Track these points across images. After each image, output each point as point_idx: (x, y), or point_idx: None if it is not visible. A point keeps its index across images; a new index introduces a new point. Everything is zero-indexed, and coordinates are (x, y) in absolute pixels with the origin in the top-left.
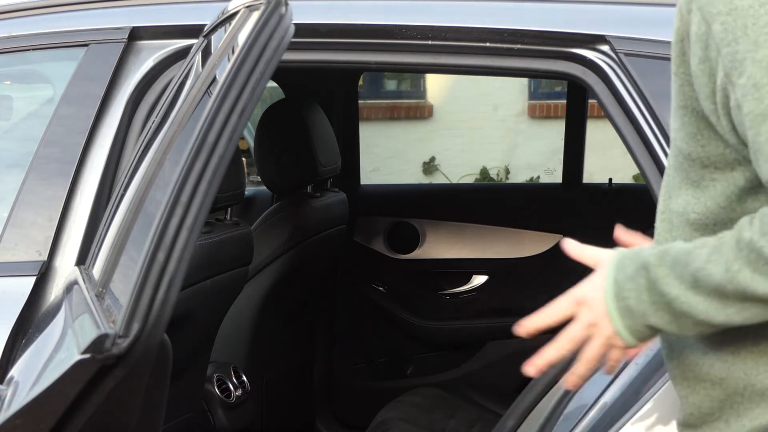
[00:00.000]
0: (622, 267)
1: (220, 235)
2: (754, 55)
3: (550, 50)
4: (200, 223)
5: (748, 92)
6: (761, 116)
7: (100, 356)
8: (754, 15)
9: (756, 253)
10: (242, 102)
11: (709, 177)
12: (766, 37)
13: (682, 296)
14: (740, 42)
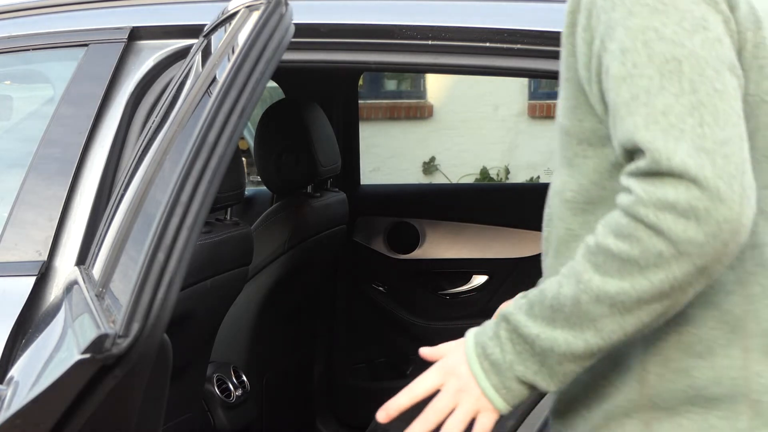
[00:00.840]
0: (482, 330)
1: (220, 235)
2: (626, 22)
3: (550, 50)
4: (200, 222)
5: (616, 57)
6: (622, 78)
7: (100, 356)
8: None
9: (602, 254)
10: (242, 102)
11: (582, 154)
12: (640, 8)
13: (542, 333)
14: (617, 10)
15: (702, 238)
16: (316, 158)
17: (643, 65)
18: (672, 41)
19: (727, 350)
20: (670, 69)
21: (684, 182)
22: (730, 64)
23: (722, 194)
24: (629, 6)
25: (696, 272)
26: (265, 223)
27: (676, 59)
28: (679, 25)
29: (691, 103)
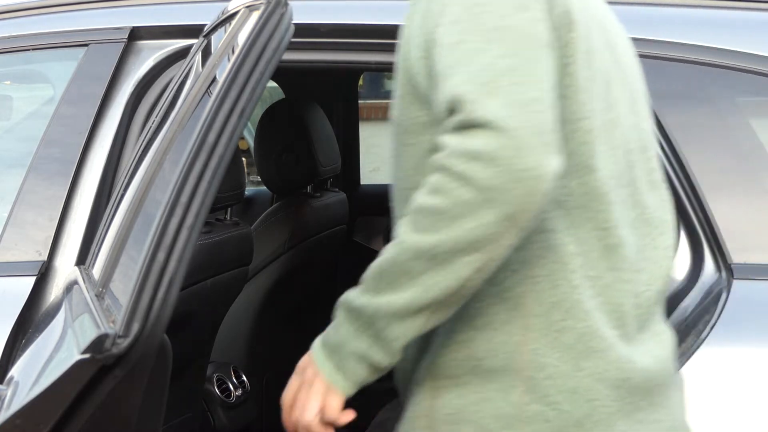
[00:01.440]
0: (326, 331)
1: (220, 235)
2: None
3: None
4: (200, 223)
5: (447, 29)
6: (450, 46)
7: (100, 356)
8: None
9: (418, 212)
10: (242, 102)
11: (405, 142)
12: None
13: (369, 301)
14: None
15: (507, 184)
16: (316, 158)
17: (470, 32)
18: (499, 14)
19: (507, 326)
20: (494, 36)
21: (493, 132)
22: (548, 43)
23: (527, 144)
24: None
25: (505, 220)
26: (265, 223)
27: (501, 28)
28: (502, 4)
29: (510, 64)
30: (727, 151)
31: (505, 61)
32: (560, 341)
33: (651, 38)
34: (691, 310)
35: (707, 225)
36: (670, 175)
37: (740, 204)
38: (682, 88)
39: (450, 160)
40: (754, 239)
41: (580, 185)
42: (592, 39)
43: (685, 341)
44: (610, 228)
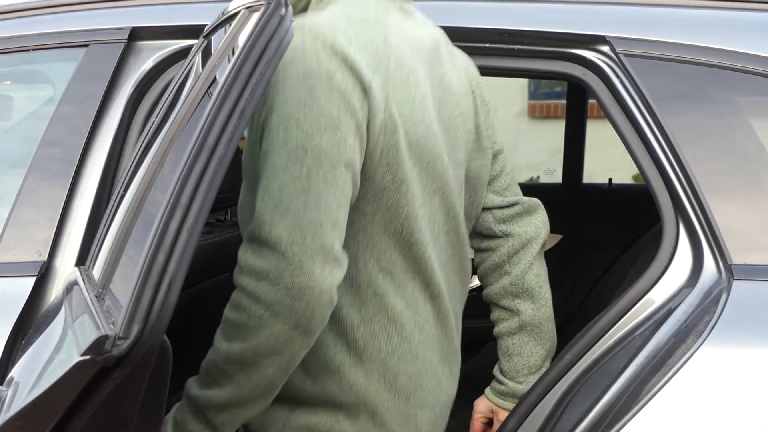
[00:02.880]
0: (175, 407)
1: (220, 235)
2: (280, 107)
3: (550, 51)
4: (200, 224)
5: (267, 133)
6: (264, 153)
7: (100, 357)
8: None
9: (226, 323)
10: (242, 103)
11: (248, 184)
12: (292, 99)
13: (200, 394)
14: (278, 94)
15: (289, 301)
16: None
17: (279, 145)
18: (307, 132)
19: (353, 370)
20: (296, 155)
21: (277, 254)
22: (348, 161)
23: (304, 267)
24: (286, 94)
25: (293, 329)
26: None
27: (304, 147)
28: (316, 120)
29: (303, 186)
30: (727, 151)
31: (300, 183)
32: (396, 383)
33: (651, 39)
34: (692, 310)
35: (707, 225)
36: (671, 175)
37: (741, 205)
38: (683, 88)
39: (242, 278)
40: (755, 240)
41: (403, 256)
42: (418, 128)
43: (686, 342)
44: (431, 283)
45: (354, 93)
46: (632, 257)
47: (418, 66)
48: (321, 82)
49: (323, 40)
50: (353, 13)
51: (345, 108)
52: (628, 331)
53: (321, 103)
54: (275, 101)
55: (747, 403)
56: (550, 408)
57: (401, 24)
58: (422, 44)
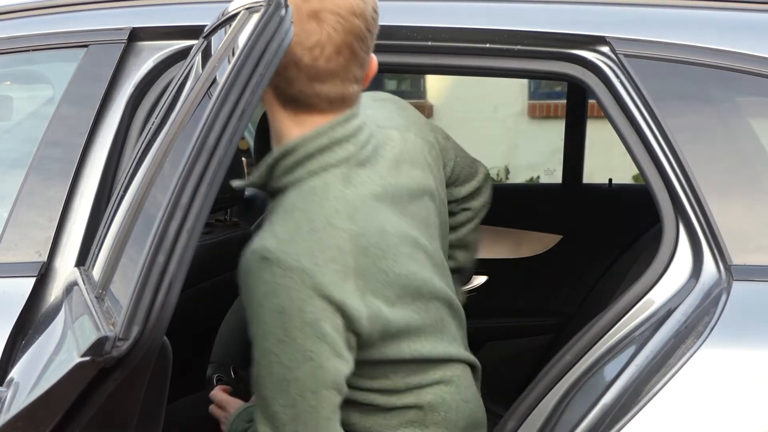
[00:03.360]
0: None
1: (220, 236)
2: (260, 342)
3: (550, 51)
4: (200, 225)
5: (257, 353)
6: (255, 383)
7: (100, 359)
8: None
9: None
10: (242, 104)
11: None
12: (272, 336)
13: None
14: (259, 329)
15: None
16: None
17: (265, 378)
18: (286, 366)
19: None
20: (281, 387)
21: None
22: (329, 383)
23: None
24: (264, 331)
25: None
26: None
27: (286, 380)
28: (293, 355)
29: (291, 414)
30: (727, 152)
31: (288, 412)
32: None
33: (651, 39)
34: (691, 311)
35: (707, 226)
36: (671, 176)
37: (741, 206)
38: (683, 89)
39: None
40: (755, 241)
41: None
42: (400, 280)
43: (685, 343)
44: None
45: (326, 318)
46: (632, 258)
47: (384, 222)
48: (293, 319)
49: (291, 274)
50: (314, 217)
51: (317, 338)
52: (627, 332)
53: (296, 339)
54: (255, 335)
55: (747, 404)
56: (549, 409)
57: (361, 188)
58: (383, 188)
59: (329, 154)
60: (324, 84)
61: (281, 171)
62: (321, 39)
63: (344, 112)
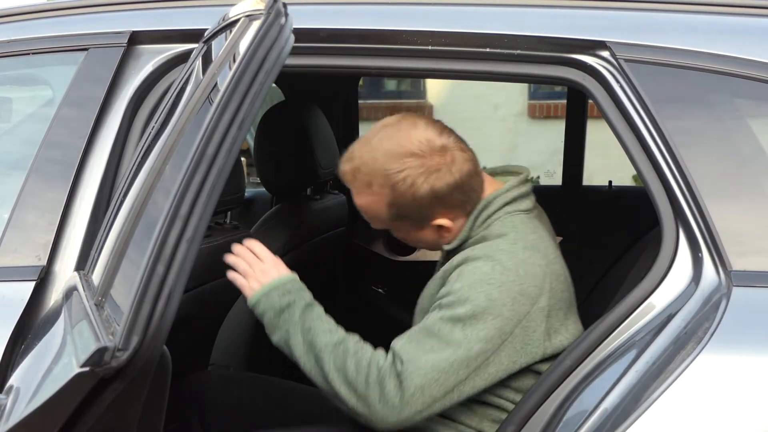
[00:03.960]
0: (292, 281)
1: (219, 239)
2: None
3: (550, 56)
4: (200, 235)
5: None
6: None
7: (99, 369)
8: None
9: (342, 355)
10: (242, 113)
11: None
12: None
13: (296, 327)
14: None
15: (379, 406)
16: (315, 160)
17: (443, 334)
18: (465, 336)
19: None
20: (451, 346)
21: (397, 386)
22: (480, 367)
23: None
24: (466, 307)
25: (360, 409)
26: (264, 226)
27: (458, 344)
28: (477, 333)
29: (443, 369)
30: (726, 156)
31: (442, 364)
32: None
33: (651, 44)
34: (691, 317)
35: (707, 231)
36: (670, 180)
37: (740, 210)
38: (682, 93)
39: (388, 359)
40: (755, 246)
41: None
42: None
43: (685, 348)
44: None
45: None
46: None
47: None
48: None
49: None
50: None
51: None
52: (627, 337)
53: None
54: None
55: (746, 410)
56: (549, 414)
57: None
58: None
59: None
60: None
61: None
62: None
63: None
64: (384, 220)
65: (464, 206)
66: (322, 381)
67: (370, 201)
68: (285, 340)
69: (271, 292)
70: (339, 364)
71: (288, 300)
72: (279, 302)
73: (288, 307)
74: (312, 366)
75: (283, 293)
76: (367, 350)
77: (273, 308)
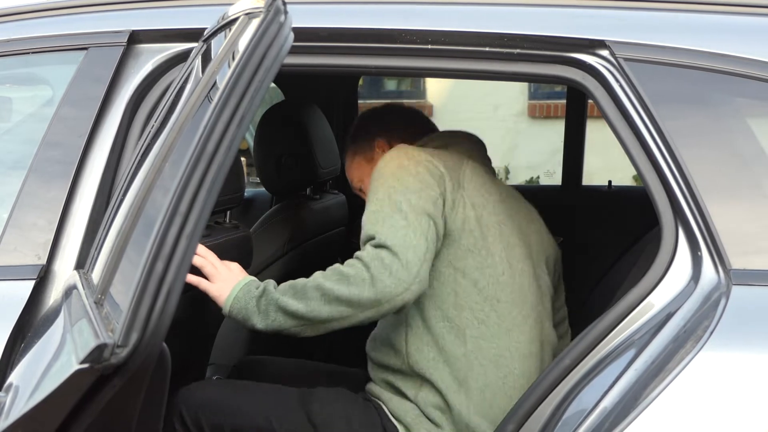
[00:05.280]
0: (252, 279)
1: (219, 238)
2: (380, 181)
3: (549, 55)
4: (199, 231)
5: (371, 199)
6: (372, 211)
7: (98, 366)
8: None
9: (335, 271)
10: (241, 111)
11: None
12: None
13: (276, 296)
14: (379, 176)
15: (388, 282)
16: (315, 160)
17: (384, 203)
18: (402, 193)
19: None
20: (398, 207)
21: (389, 252)
22: (429, 213)
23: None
24: (386, 176)
25: (373, 301)
26: (264, 226)
27: (400, 201)
28: (410, 184)
29: (404, 225)
30: (726, 156)
31: (401, 222)
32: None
33: (650, 43)
34: (691, 315)
35: (706, 230)
36: (670, 180)
37: (740, 209)
38: (682, 92)
39: (368, 249)
40: (754, 245)
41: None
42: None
43: (685, 347)
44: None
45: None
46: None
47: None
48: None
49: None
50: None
51: (429, 174)
52: (627, 336)
53: (417, 172)
54: (374, 183)
55: (746, 408)
56: (548, 413)
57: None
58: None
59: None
60: None
61: None
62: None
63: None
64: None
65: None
66: (327, 305)
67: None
68: (276, 310)
69: (246, 286)
70: (337, 277)
71: (262, 288)
72: (256, 292)
73: (265, 292)
74: (314, 305)
75: (257, 285)
76: (351, 259)
77: (253, 297)
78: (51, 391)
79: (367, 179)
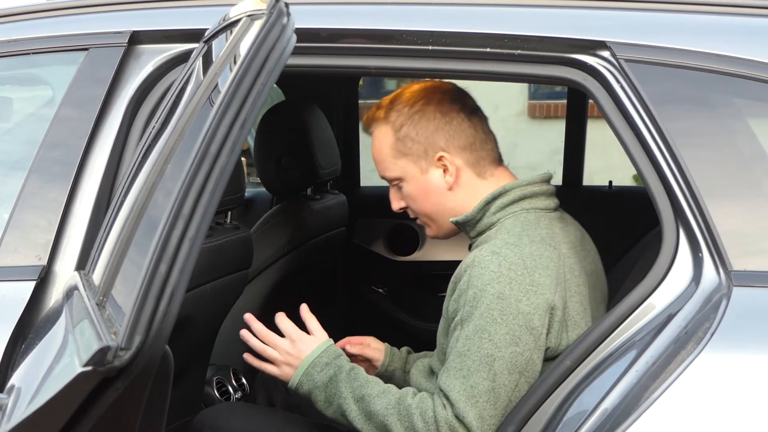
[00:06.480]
0: (325, 351)
1: (219, 239)
2: (476, 321)
3: (550, 56)
4: (202, 234)
5: (462, 338)
6: (459, 353)
7: (101, 369)
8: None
9: (406, 416)
10: (244, 113)
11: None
12: (487, 316)
13: (347, 399)
14: (476, 309)
15: None
16: (316, 161)
17: (473, 352)
18: (495, 344)
19: None
20: (486, 361)
21: (464, 428)
22: (522, 369)
23: None
24: (482, 311)
25: None
26: (265, 226)
27: (492, 357)
28: (503, 336)
29: (489, 387)
30: (727, 157)
31: (487, 384)
32: None
33: (651, 44)
34: (692, 317)
35: (707, 231)
36: (671, 181)
37: (741, 210)
38: (683, 93)
39: (440, 424)
40: (755, 246)
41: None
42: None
43: (685, 348)
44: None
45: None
46: (632, 260)
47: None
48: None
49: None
50: (532, 233)
51: (526, 327)
52: (628, 337)
53: (509, 322)
54: (471, 313)
55: (747, 410)
56: (549, 414)
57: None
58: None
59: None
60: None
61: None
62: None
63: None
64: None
65: (470, 150)
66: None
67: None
68: (341, 414)
69: (310, 370)
70: (407, 424)
71: (329, 374)
72: (321, 379)
73: (331, 381)
74: (369, 429)
75: (322, 368)
76: (427, 400)
77: (317, 386)
78: (54, 394)
79: (412, 183)
